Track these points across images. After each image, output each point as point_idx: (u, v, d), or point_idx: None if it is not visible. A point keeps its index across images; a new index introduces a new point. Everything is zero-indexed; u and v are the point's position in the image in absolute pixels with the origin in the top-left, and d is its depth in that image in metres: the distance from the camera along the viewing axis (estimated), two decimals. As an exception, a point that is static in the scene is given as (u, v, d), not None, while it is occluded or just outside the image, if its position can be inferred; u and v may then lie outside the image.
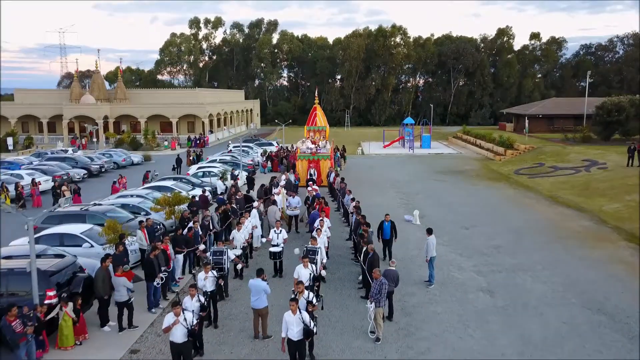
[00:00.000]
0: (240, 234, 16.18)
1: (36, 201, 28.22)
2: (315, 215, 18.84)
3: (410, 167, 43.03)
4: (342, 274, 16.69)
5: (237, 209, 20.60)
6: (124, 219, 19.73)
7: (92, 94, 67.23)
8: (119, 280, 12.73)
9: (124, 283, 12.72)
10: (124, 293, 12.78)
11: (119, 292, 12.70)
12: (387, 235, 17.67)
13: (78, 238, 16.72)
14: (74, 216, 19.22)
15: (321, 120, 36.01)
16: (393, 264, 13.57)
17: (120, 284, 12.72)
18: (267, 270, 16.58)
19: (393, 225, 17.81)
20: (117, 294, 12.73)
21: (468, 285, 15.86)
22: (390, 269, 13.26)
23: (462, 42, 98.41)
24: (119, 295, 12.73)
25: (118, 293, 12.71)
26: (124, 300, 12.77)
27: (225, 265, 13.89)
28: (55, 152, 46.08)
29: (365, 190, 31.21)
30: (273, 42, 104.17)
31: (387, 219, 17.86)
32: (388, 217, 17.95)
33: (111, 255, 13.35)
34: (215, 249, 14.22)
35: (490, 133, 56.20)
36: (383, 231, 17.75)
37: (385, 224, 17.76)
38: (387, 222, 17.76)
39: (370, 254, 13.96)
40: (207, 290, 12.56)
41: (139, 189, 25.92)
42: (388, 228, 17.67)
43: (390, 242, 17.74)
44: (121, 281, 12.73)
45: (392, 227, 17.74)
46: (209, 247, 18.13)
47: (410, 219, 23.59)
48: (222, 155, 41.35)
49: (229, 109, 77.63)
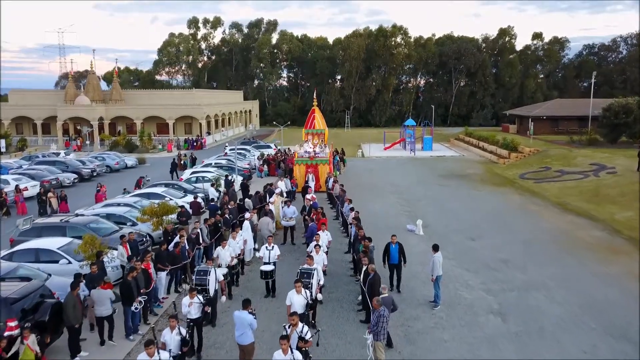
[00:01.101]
0: (225, 251, 14.72)
1: (21, 208, 26.94)
2: (313, 229, 17.57)
3: (412, 170, 41.76)
4: (340, 294, 15.38)
5: (229, 219, 19.32)
6: (107, 230, 18.50)
7: (87, 94, 65.97)
8: (104, 294, 12.03)
9: (110, 295, 12.10)
10: (109, 306, 12.07)
11: (103, 306, 12.01)
12: (394, 260, 15.21)
13: (55, 254, 15.45)
14: (53, 228, 17.93)
15: (320, 122, 34.72)
16: (385, 290, 12.04)
17: (105, 297, 12.05)
18: (258, 289, 15.43)
19: (401, 248, 15.28)
20: (100, 309, 12.03)
21: (477, 306, 14.58)
22: (383, 295, 11.74)
23: (463, 42, 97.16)
24: (104, 310, 12.04)
25: (102, 307, 12.01)
26: (107, 315, 12.14)
27: (211, 287, 12.54)
28: (47, 155, 44.76)
29: (365, 196, 29.97)
30: (272, 42, 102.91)
31: (394, 240, 15.31)
32: (395, 239, 15.36)
33: (84, 277, 12.12)
34: (200, 267, 12.87)
35: (493, 135, 54.95)
36: (390, 255, 15.26)
37: (392, 246, 15.24)
38: (395, 244, 15.23)
39: (371, 275, 12.68)
40: (192, 317, 11.30)
41: (127, 197, 24.64)
42: (396, 251, 15.16)
43: (399, 267, 15.33)
44: (107, 294, 12.09)
45: (401, 250, 15.22)
46: (197, 263, 16.94)
47: (413, 229, 22.32)
48: (218, 159, 40.10)
49: (227, 110, 76.35)
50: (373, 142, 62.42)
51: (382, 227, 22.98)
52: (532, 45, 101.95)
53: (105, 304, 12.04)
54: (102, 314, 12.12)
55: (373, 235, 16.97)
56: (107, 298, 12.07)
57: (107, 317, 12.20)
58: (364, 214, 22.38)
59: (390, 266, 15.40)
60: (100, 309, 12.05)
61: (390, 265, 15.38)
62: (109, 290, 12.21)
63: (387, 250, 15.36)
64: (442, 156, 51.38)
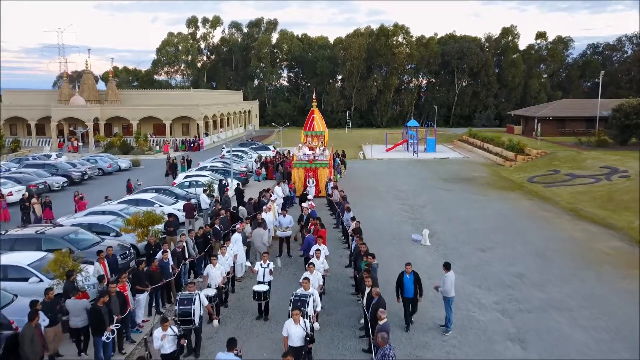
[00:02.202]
0: (215, 270, 13.20)
1: (3, 215, 25.47)
2: (310, 240, 16.10)
3: (415, 173, 40.26)
4: (340, 316, 13.85)
5: (219, 230, 17.82)
6: (88, 242, 17.03)
7: (82, 95, 64.46)
8: (79, 304, 11.37)
9: (86, 305, 11.36)
10: (85, 317, 11.30)
11: (78, 317, 11.35)
12: (409, 293, 12.76)
13: (24, 270, 13.96)
14: (27, 240, 16.43)
15: (319, 124, 33.24)
16: (383, 314, 10.37)
17: (81, 307, 11.34)
18: (249, 311, 13.94)
19: (417, 278, 12.83)
20: (75, 320, 11.39)
21: (493, 331, 13.08)
22: (382, 322, 10.23)
23: (466, 42, 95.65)
24: (79, 321, 11.38)
25: (77, 318, 11.37)
26: (83, 326, 11.47)
27: (196, 316, 11.04)
28: (37, 158, 43.26)
29: (367, 202, 28.51)
30: (272, 42, 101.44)
31: (409, 270, 12.87)
32: (410, 268, 12.91)
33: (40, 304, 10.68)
34: (183, 295, 11.31)
35: (498, 136, 53.43)
36: (403, 287, 12.81)
37: (407, 277, 12.80)
38: (409, 274, 12.82)
39: (375, 299, 11.17)
40: (165, 352, 9.82)
41: (113, 204, 23.16)
42: (410, 283, 12.75)
43: (415, 302, 12.94)
44: (82, 304, 11.39)
45: (416, 280, 12.81)
46: (183, 279, 15.47)
47: (419, 239, 20.82)
48: (214, 162, 38.60)
49: (226, 110, 74.82)
50: (374, 143, 60.88)
51: (385, 236, 21.58)
52: (535, 44, 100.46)
53: (80, 315, 11.35)
54: (77, 325, 11.47)
55: (376, 246, 15.59)
56: (82, 309, 11.35)
57: (82, 329, 11.55)
58: (366, 221, 20.96)
59: (404, 300, 12.90)
60: (75, 320, 11.42)
61: (404, 299, 12.88)
62: (85, 300, 11.58)
63: (401, 282, 12.88)
64: (446, 158, 49.86)
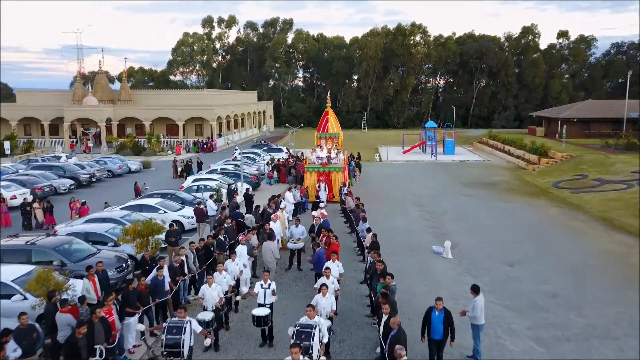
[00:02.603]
0: (212, 290, 11.80)
1: (4, 220, 24.52)
2: (321, 255, 14.63)
3: (434, 177, 38.60)
4: (354, 342, 12.36)
5: (223, 241, 16.46)
6: (82, 254, 15.82)
7: (95, 95, 63.91)
8: (63, 319, 10.65)
9: (69, 322, 10.62)
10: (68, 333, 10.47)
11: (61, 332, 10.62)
12: (438, 334, 10.54)
13: (7, 287, 12.76)
14: (16, 252, 15.23)
15: (334, 126, 31.75)
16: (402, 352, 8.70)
17: (65, 322, 10.64)
18: (253, 335, 12.53)
19: (448, 317, 10.55)
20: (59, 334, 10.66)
21: (527, 364, 11.53)
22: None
23: (485, 41, 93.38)
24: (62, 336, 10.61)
25: (60, 333, 10.65)
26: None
27: (185, 348, 9.67)
28: (46, 159, 42.46)
29: (384, 209, 26.97)
30: (288, 42, 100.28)
31: (439, 306, 10.57)
32: (440, 305, 10.57)
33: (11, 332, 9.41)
34: (172, 322, 9.97)
35: (520, 138, 51.44)
36: (431, 325, 10.57)
37: (436, 314, 10.56)
38: (439, 311, 10.57)
39: (394, 330, 9.66)
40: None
41: (115, 210, 21.97)
42: (440, 322, 10.51)
43: (443, 344, 10.68)
44: (66, 319, 10.66)
45: (447, 320, 10.53)
46: (182, 297, 14.14)
47: (440, 251, 19.25)
48: (225, 164, 37.39)
49: (240, 110, 73.73)
50: (391, 144, 59.30)
51: (403, 248, 20.03)
52: (557, 44, 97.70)
53: (64, 330, 10.63)
54: (60, 340, 10.63)
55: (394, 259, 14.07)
56: (66, 324, 10.62)
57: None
58: (383, 231, 19.43)
59: (430, 342, 10.66)
60: (59, 334, 10.69)
61: (430, 340, 10.64)
62: (69, 315, 10.77)
63: (428, 319, 10.65)
64: (466, 161, 48.04)
